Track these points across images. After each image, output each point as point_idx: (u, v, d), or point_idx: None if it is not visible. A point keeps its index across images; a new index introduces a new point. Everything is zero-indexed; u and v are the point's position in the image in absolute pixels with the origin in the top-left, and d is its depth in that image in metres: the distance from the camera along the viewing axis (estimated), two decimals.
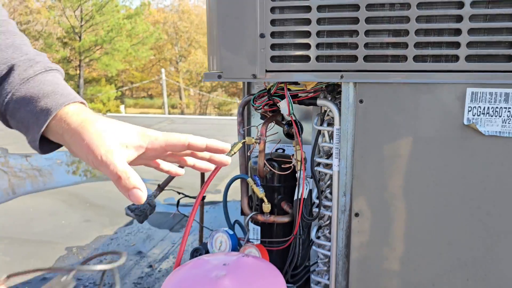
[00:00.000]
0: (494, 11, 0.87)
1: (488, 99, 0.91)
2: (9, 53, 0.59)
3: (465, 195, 0.95)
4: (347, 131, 0.99)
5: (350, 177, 1.01)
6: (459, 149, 0.94)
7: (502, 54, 0.89)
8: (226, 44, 1.01)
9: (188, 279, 0.81)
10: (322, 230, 1.13)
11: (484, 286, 0.97)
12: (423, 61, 0.92)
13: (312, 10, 0.94)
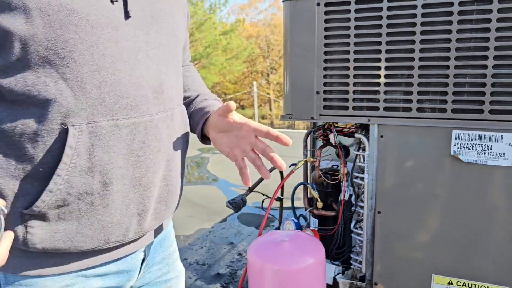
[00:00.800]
0: (471, 81, 1.32)
1: (467, 137, 1.35)
2: (197, 86, 1.14)
3: (454, 201, 1.40)
4: (373, 156, 1.50)
5: (375, 187, 1.51)
6: (449, 171, 1.39)
7: (476, 109, 1.33)
8: (294, 95, 1.58)
9: (263, 241, 1.38)
10: (359, 223, 1.63)
11: (468, 257, 1.40)
12: (423, 111, 1.40)
13: (349, 77, 1.47)
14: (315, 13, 1.49)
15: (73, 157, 0.73)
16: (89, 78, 0.72)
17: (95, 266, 0.84)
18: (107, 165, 0.76)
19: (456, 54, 1.33)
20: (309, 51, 1.52)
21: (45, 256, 0.78)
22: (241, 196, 2.04)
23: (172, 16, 0.87)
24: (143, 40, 0.79)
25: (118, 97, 0.75)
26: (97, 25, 0.72)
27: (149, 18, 0.80)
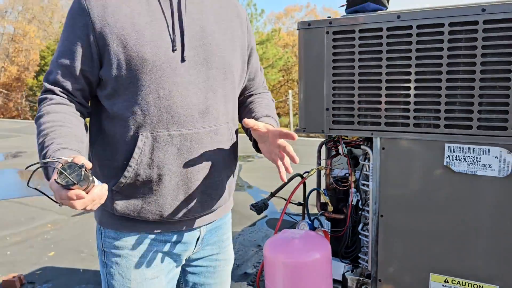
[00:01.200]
0: (461, 100, 1.49)
1: (458, 150, 1.52)
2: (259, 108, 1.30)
3: (448, 206, 1.56)
4: (377, 165, 1.69)
5: (378, 193, 1.70)
6: (443, 180, 1.56)
7: (465, 125, 1.50)
8: (308, 111, 1.80)
9: (277, 238, 1.60)
10: (365, 226, 1.82)
11: (458, 255, 1.56)
12: (419, 126, 1.58)
13: (354, 96, 1.68)
14: (324, 41, 1.71)
15: (140, 155, 1.07)
16: (152, 103, 1.06)
17: (158, 233, 1.17)
18: (162, 162, 1.09)
19: (447, 77, 1.51)
20: (319, 73, 1.74)
21: (124, 219, 1.15)
22: (263, 200, 2.27)
23: (224, 57, 1.14)
24: (194, 76, 1.09)
25: (172, 116, 1.07)
26: (160, 67, 1.05)
27: (201, 60, 1.10)
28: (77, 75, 1.07)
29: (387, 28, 1.59)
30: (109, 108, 1.09)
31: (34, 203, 4.82)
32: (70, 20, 1.08)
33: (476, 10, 1.44)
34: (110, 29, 1.03)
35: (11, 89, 28.02)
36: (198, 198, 1.15)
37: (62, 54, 1.08)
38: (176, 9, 1.06)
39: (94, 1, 1.04)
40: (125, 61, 1.02)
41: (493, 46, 1.43)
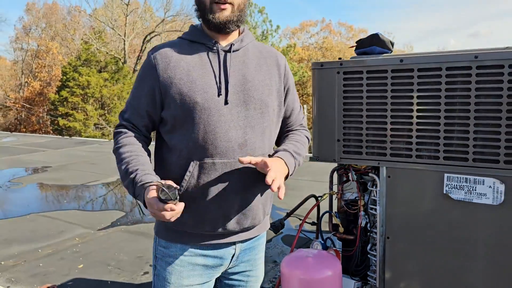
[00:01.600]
0: (458, 135, 1.67)
1: (456, 180, 1.70)
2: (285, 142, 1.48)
3: (447, 230, 1.74)
4: (383, 192, 1.87)
5: (384, 216, 1.88)
6: (442, 206, 1.74)
7: (462, 157, 1.68)
8: (321, 142, 2.00)
9: (293, 256, 1.79)
10: (374, 246, 1.99)
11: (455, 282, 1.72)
12: (421, 158, 1.76)
13: (363, 130, 1.88)
14: (335, 79, 1.92)
15: (190, 178, 1.32)
16: (201, 137, 1.31)
17: (198, 247, 1.39)
18: (206, 184, 1.32)
19: (445, 114, 1.70)
20: (331, 107, 1.95)
21: (173, 231, 1.39)
22: (279, 220, 2.47)
23: (261, 99, 1.37)
24: (235, 115, 1.33)
25: (216, 147, 1.31)
26: (208, 109, 1.30)
27: (242, 102, 1.34)
28: (144, 114, 1.37)
29: (391, 70, 1.79)
30: (168, 141, 1.36)
31: (61, 216, 5.08)
32: (142, 72, 1.39)
33: (470, 57, 1.64)
34: (171, 80, 1.31)
35: (33, 103, 28.92)
36: (235, 216, 1.37)
37: (134, 98, 1.38)
38: (222, 63, 1.34)
39: (160, 59, 1.34)
40: (181, 104, 1.30)
41: (485, 88, 1.62)
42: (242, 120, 1.34)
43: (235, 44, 1.37)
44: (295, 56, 34.11)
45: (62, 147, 11.33)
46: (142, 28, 28.08)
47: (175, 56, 1.34)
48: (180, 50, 1.36)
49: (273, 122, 1.43)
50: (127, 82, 22.99)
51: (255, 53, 1.42)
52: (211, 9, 1.32)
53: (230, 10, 1.33)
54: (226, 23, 1.33)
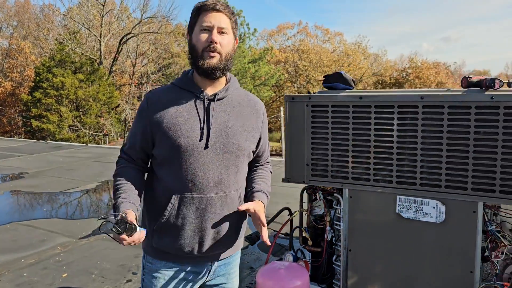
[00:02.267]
0: (408, 163, 1.95)
1: (406, 201, 1.98)
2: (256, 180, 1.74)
3: (399, 244, 2.02)
4: (345, 210, 2.14)
5: (347, 231, 2.15)
6: (395, 223, 2.02)
7: (411, 182, 1.96)
8: (292, 165, 2.25)
9: (267, 268, 2.04)
10: (338, 257, 2.26)
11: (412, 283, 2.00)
12: (377, 181, 2.04)
13: (328, 156, 2.14)
14: (304, 111, 2.17)
15: (171, 208, 1.53)
16: (182, 175, 1.52)
17: (179, 264, 1.61)
18: (185, 215, 1.54)
19: (397, 145, 1.98)
20: (301, 135, 2.20)
21: (159, 250, 1.60)
22: (255, 232, 2.71)
23: (238, 144, 1.59)
24: (214, 157, 1.54)
25: (194, 184, 1.53)
26: (190, 151, 1.51)
27: (221, 146, 1.55)
28: (138, 149, 1.61)
29: (352, 105, 2.06)
30: (157, 173, 1.59)
31: (42, 225, 5.17)
32: (138, 113, 1.61)
33: (417, 97, 1.92)
34: (160, 123, 1.53)
35: (5, 104, 28.21)
36: (209, 242, 1.58)
37: (131, 135, 1.62)
38: (206, 110, 1.55)
39: (152, 103, 1.56)
40: (167, 145, 1.51)
41: (429, 124, 1.91)
42: (220, 162, 1.55)
43: (219, 94, 1.58)
44: (272, 59, 34.45)
45: (38, 152, 11.24)
46: (119, 29, 27.80)
47: (166, 101, 1.55)
48: (171, 96, 1.57)
49: (246, 162, 1.66)
50: (103, 83, 22.77)
51: (238, 101, 1.64)
52: (201, 56, 1.52)
53: (218, 58, 1.53)
54: (213, 69, 1.52)
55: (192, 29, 1.57)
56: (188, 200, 1.52)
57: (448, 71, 42.96)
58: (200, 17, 1.54)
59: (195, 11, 1.56)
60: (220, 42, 1.52)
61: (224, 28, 1.53)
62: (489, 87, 1.80)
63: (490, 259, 1.90)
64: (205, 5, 1.53)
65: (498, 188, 1.80)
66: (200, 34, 1.52)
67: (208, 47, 1.51)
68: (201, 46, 1.52)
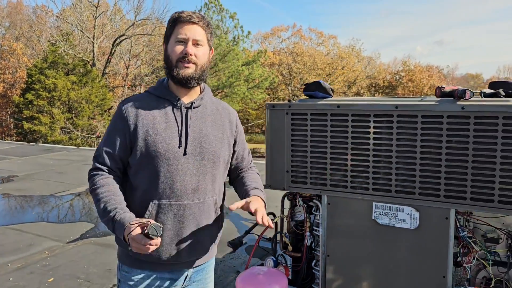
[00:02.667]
0: (384, 170, 2.00)
1: (382, 208, 2.03)
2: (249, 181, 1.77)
3: (375, 249, 2.06)
4: (324, 216, 2.18)
5: (325, 237, 2.19)
6: (371, 229, 2.06)
7: (386, 189, 2.01)
8: (273, 172, 2.29)
9: (247, 273, 2.08)
10: (317, 262, 2.30)
11: None
12: (354, 188, 2.08)
13: (307, 163, 2.18)
14: (284, 119, 2.22)
15: (149, 216, 1.55)
16: (161, 182, 1.54)
17: (157, 272, 1.63)
18: (163, 222, 1.56)
19: (373, 153, 2.03)
20: (281, 143, 2.24)
21: (135, 259, 1.61)
22: (239, 237, 2.75)
23: (214, 151, 1.62)
24: (191, 164, 1.57)
25: (172, 191, 1.55)
26: (169, 158, 1.54)
27: (198, 153, 1.58)
28: (117, 159, 1.59)
29: (330, 114, 2.10)
30: (133, 181, 1.59)
31: (30, 229, 5.16)
32: (114, 121, 1.60)
33: (392, 107, 1.97)
34: (139, 131, 1.54)
35: None
36: (187, 249, 1.61)
37: (108, 144, 1.59)
38: (184, 118, 1.58)
39: (131, 111, 1.57)
40: (146, 152, 1.53)
41: (403, 133, 1.96)
42: (197, 169, 1.59)
43: (195, 102, 1.61)
44: (266, 61, 34.53)
45: (28, 155, 11.19)
46: (112, 31, 27.73)
47: (143, 109, 1.57)
48: (148, 104, 1.59)
49: (222, 170, 1.69)
50: (95, 85, 22.70)
51: (212, 109, 1.68)
52: (176, 66, 1.55)
53: (194, 68, 1.56)
54: (188, 79, 1.56)
55: (168, 39, 1.60)
56: (166, 207, 1.55)
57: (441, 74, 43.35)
58: (175, 29, 1.57)
59: (171, 22, 1.59)
60: (195, 54, 1.56)
61: (199, 40, 1.57)
62: (460, 97, 1.85)
63: (462, 264, 1.95)
64: (181, 17, 1.56)
65: (469, 195, 1.85)
66: (175, 45, 1.56)
67: (183, 58, 1.54)
68: (176, 57, 1.55)
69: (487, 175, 1.82)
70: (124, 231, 1.40)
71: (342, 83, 39.08)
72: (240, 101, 26.98)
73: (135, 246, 1.37)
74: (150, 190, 1.55)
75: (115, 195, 1.54)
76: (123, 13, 29.25)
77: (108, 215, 1.47)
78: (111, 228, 1.48)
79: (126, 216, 1.45)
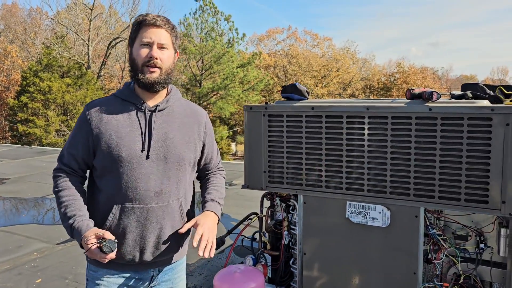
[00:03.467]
0: (357, 170, 2.06)
1: (355, 206, 2.08)
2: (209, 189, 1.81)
3: (348, 246, 2.11)
4: (300, 215, 2.24)
5: (302, 235, 2.24)
6: (345, 227, 2.12)
7: (359, 188, 2.07)
8: (251, 172, 2.34)
9: (224, 272, 2.12)
10: (295, 260, 2.35)
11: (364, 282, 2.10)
12: (329, 188, 2.14)
13: (284, 163, 2.23)
14: (261, 120, 2.27)
15: (112, 218, 1.57)
16: (123, 185, 1.56)
17: (122, 271, 1.66)
18: (126, 224, 1.58)
19: (346, 153, 2.08)
20: (259, 144, 2.30)
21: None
22: (220, 237, 2.79)
23: (179, 154, 1.65)
24: (155, 168, 1.60)
25: (135, 195, 1.57)
26: (131, 162, 1.56)
27: (161, 157, 1.61)
28: (80, 161, 1.62)
29: (305, 115, 2.16)
30: (98, 183, 1.61)
31: (20, 231, 5.19)
32: (78, 124, 1.62)
33: (363, 108, 2.03)
34: (102, 135, 1.56)
35: None
36: (150, 250, 1.64)
37: (71, 146, 1.62)
38: (147, 122, 1.60)
39: (94, 115, 1.58)
40: (109, 156, 1.55)
41: (375, 134, 2.02)
42: (161, 172, 1.60)
43: (160, 105, 1.63)
44: (262, 63, 34.62)
45: (21, 157, 11.19)
46: (107, 33, 27.74)
47: (107, 113, 1.59)
48: (112, 108, 1.60)
49: (188, 172, 1.72)
50: (90, 87, 22.70)
51: (179, 112, 1.69)
52: (142, 70, 1.56)
53: (158, 73, 1.58)
54: (154, 83, 1.57)
55: (133, 42, 1.61)
56: (129, 210, 1.57)
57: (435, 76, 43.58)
58: (140, 32, 1.58)
59: (136, 25, 1.60)
60: (160, 58, 1.57)
61: (164, 43, 1.58)
62: (428, 99, 1.91)
63: (433, 261, 2.01)
64: (146, 20, 1.57)
65: (437, 194, 1.91)
66: (140, 49, 1.57)
67: (148, 62, 1.56)
68: (141, 61, 1.56)
69: (453, 174, 1.87)
70: (81, 240, 1.45)
71: (337, 85, 39.23)
72: (235, 103, 27.04)
73: (90, 255, 1.44)
74: (114, 193, 1.57)
75: (76, 199, 1.57)
76: (118, 15, 29.30)
77: (68, 221, 1.51)
78: (69, 233, 1.51)
79: (83, 224, 1.49)
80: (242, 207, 6.44)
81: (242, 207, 6.44)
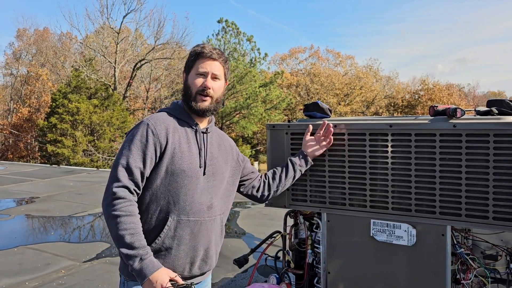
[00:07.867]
0: (381, 188, 2.04)
1: (380, 225, 2.06)
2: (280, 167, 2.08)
3: (374, 266, 2.08)
4: (324, 233, 2.23)
5: (326, 254, 2.23)
6: (370, 246, 2.09)
7: (384, 206, 2.05)
8: None
9: None
10: (319, 279, 2.33)
11: None
12: (352, 206, 2.13)
13: (307, 181, 2.24)
14: (284, 138, 2.30)
15: (168, 230, 1.64)
16: (181, 199, 1.65)
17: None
18: (181, 236, 1.65)
19: (370, 171, 2.07)
20: (281, 161, 2.32)
21: None
22: (244, 255, 2.80)
23: (221, 172, 1.78)
24: (206, 184, 1.71)
25: (191, 208, 1.66)
26: (191, 177, 1.66)
27: (211, 174, 1.73)
28: (144, 176, 1.61)
29: None
30: (151, 195, 1.63)
31: (48, 249, 5.31)
32: (141, 137, 1.61)
33: (386, 125, 2.03)
34: (168, 147, 1.64)
35: (21, 129, 29.00)
36: (198, 263, 1.71)
37: (136, 160, 1.58)
38: (203, 141, 1.75)
39: (160, 128, 1.64)
40: (171, 169, 1.63)
41: (398, 151, 2.01)
42: (211, 188, 1.73)
43: (209, 128, 1.79)
44: (284, 82, 34.82)
45: (50, 177, 11.52)
46: (133, 55, 28.58)
47: (170, 127, 1.68)
48: (172, 124, 1.70)
49: (230, 190, 1.86)
50: (116, 108, 23.31)
51: (217, 135, 1.86)
52: (195, 98, 1.72)
53: (209, 101, 1.74)
54: (205, 111, 1.74)
55: (189, 70, 1.76)
56: (184, 222, 1.65)
57: (461, 93, 42.79)
58: (197, 62, 1.73)
59: (194, 56, 1.75)
60: (213, 87, 1.73)
61: (218, 74, 1.75)
62: (452, 115, 1.90)
63: (461, 281, 1.96)
64: (203, 53, 1.73)
65: (464, 212, 1.88)
66: (196, 78, 1.73)
67: (202, 91, 1.71)
68: (195, 89, 1.72)
69: (480, 191, 1.84)
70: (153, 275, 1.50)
71: (361, 103, 39.00)
72: (257, 122, 27.23)
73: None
74: (170, 205, 1.63)
75: (140, 228, 1.57)
76: (143, 38, 30.20)
77: (135, 250, 1.52)
78: (133, 263, 1.51)
79: (154, 261, 1.54)
80: (265, 226, 6.42)
81: (265, 226, 6.42)
